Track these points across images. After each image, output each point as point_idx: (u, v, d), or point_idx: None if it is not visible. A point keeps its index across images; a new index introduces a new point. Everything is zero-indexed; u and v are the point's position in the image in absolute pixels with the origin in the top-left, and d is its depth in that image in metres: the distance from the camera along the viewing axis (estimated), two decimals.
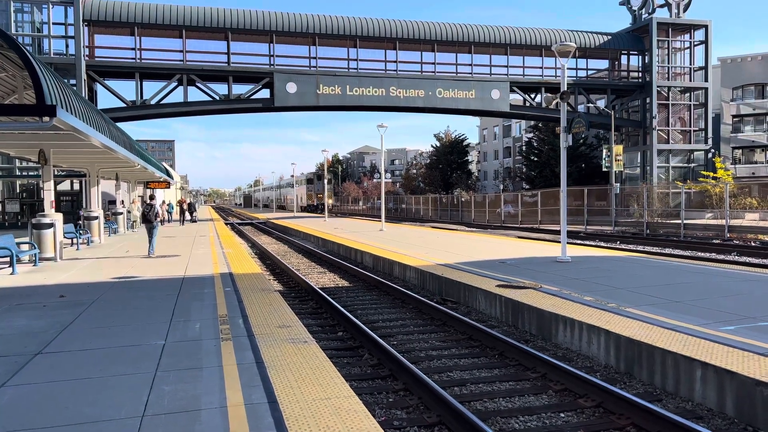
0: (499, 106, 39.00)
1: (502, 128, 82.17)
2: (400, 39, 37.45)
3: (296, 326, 7.56)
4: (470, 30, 38.54)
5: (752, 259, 19.23)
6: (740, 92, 54.44)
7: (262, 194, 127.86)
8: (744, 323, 7.29)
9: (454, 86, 38.16)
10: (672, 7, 41.53)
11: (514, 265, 13.65)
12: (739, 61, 54.11)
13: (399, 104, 37.74)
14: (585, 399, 6.13)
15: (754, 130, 53.99)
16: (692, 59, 42.64)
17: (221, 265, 14.48)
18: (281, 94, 35.49)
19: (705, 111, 42.17)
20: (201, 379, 5.44)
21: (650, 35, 40.80)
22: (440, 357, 7.93)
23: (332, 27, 36.38)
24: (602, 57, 42.42)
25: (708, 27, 41.65)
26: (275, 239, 31.97)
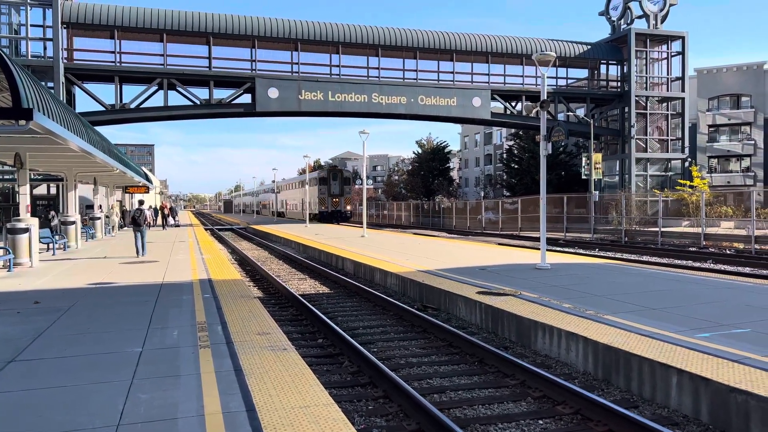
0: (480, 113, 39.28)
1: (483, 136, 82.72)
2: (382, 46, 37.56)
3: (276, 333, 7.51)
4: (452, 38, 38.79)
5: (727, 267, 19.54)
6: (716, 102, 55.45)
7: (251, 199, 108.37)
8: (719, 330, 7.40)
9: (436, 93, 38.35)
10: (650, 18, 42.22)
11: (495, 272, 13.72)
12: (714, 72, 55.15)
13: (381, 110, 37.80)
14: (563, 406, 6.17)
15: (730, 140, 55.00)
16: (669, 70, 43.36)
17: (200, 271, 14.35)
18: (263, 99, 35.36)
19: (682, 120, 42.88)
20: (178, 387, 5.37)
21: (629, 46, 41.42)
22: (420, 364, 7.93)
23: (315, 33, 36.38)
24: (582, 66, 42.96)
25: (685, 38, 42.41)
26: (255, 245, 31.77)
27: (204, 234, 34.13)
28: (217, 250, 22.84)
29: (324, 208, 52.35)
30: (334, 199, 52.36)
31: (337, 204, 52.07)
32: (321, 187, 53.14)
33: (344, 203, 52.41)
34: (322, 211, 52.20)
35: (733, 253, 23.81)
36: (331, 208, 52.17)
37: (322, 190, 53.05)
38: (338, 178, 53.10)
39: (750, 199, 27.59)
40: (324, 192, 52.88)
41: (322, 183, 53.37)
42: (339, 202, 51.94)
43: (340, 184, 52.72)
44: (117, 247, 22.71)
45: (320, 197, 52.78)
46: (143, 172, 40.78)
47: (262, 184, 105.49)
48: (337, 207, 52.02)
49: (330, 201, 52.36)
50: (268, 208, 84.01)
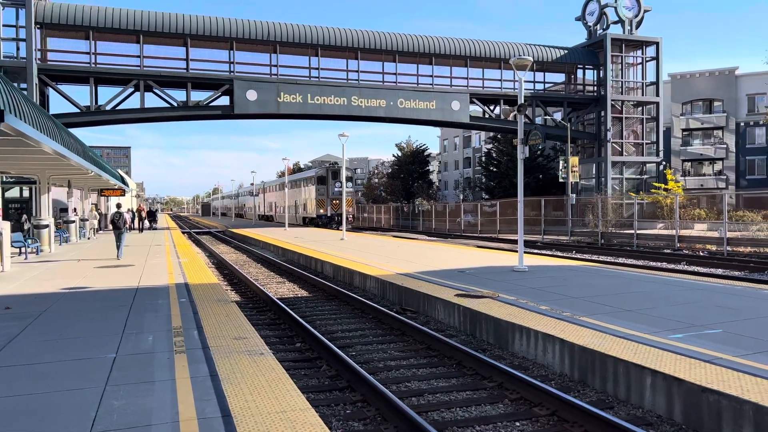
0: (459, 117, 39.46)
1: (463, 139, 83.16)
2: (361, 49, 37.57)
3: (253, 338, 7.45)
4: (431, 42, 38.96)
5: (700, 269, 19.89)
6: (689, 107, 56.53)
7: (231, 201, 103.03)
8: (691, 331, 7.52)
9: (416, 97, 38.45)
10: (625, 24, 42.84)
11: (473, 275, 13.78)
12: (688, 77, 56.20)
13: (361, 113, 37.79)
14: (540, 407, 6.22)
15: (703, 144, 56.09)
16: (644, 74, 44.03)
17: (177, 275, 14.19)
18: (241, 102, 35.12)
19: (656, 125, 43.55)
20: (153, 393, 5.30)
21: (604, 51, 41.98)
22: (399, 367, 7.93)
23: (293, 35, 36.25)
24: (559, 71, 43.41)
25: (659, 44, 43.10)
26: (233, 248, 31.52)
27: (181, 237, 33.76)
28: (195, 253, 22.60)
29: (323, 211, 46.33)
30: (335, 201, 45.94)
31: (337, 206, 45.34)
32: (319, 188, 46.62)
33: (347, 205, 44.51)
34: (321, 215, 46.32)
35: (706, 255, 24.23)
36: (331, 210, 45.99)
37: (321, 190, 46.50)
38: (339, 177, 46.43)
39: (722, 202, 28.11)
40: (323, 193, 46.43)
41: (320, 182, 46.83)
42: (339, 204, 44.51)
43: (337, 186, 46.89)
44: (92, 250, 22.35)
45: (318, 199, 46.34)
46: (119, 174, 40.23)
47: (241, 187, 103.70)
48: (338, 210, 44.87)
49: (330, 203, 46.10)
50: (253, 210, 76.05)
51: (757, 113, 52.27)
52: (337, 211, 45.40)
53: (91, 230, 33.42)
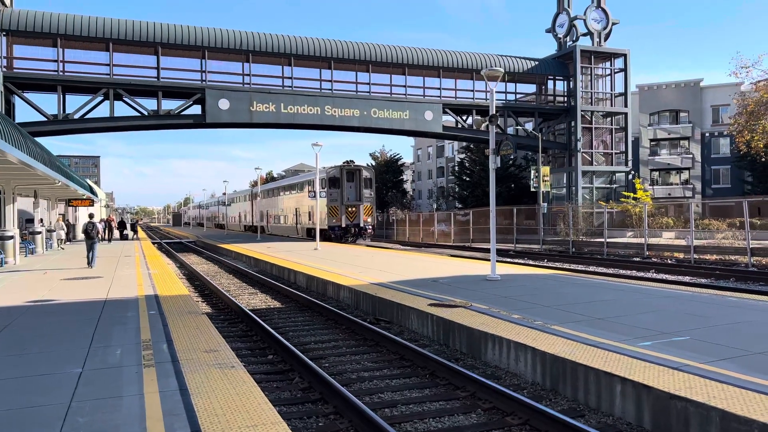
0: (432, 127, 39.70)
1: (436, 148, 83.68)
2: (334, 59, 37.60)
3: (224, 350, 7.34)
4: (404, 52, 39.19)
5: (668, 276, 20.27)
6: (656, 118, 57.82)
7: (205, 211, 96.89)
8: (660, 338, 7.64)
9: (389, 107, 38.59)
10: (594, 36, 43.70)
11: (447, 284, 13.82)
12: (655, 89, 57.51)
13: (334, 123, 37.75)
14: (512, 417, 6.24)
15: (670, 154, 57.37)
16: (613, 85, 44.91)
17: (147, 286, 13.94)
18: (213, 111, 34.81)
19: (625, 135, 44.41)
20: (120, 409, 5.18)
21: (574, 62, 42.73)
22: (372, 378, 7.89)
23: (266, 45, 36.13)
24: (530, 81, 44.02)
25: (627, 56, 44.04)
26: (205, 259, 31.14)
27: (152, 248, 33.24)
28: (165, 264, 22.25)
29: (335, 221, 37.79)
30: (350, 209, 38.00)
31: (353, 215, 37.90)
32: (331, 192, 37.97)
33: (363, 214, 38.15)
34: (334, 226, 37.81)
35: (674, 263, 24.72)
36: (345, 221, 37.82)
37: (333, 195, 38.04)
38: (356, 179, 38.56)
39: (689, 211, 28.74)
40: (336, 198, 38.01)
41: (333, 186, 38.21)
42: (356, 212, 37.80)
43: (358, 187, 38.27)
44: (59, 262, 21.86)
45: (330, 206, 37.73)
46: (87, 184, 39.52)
47: (213, 196, 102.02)
48: (354, 219, 37.92)
49: (344, 211, 37.85)
50: (238, 220, 67.78)
51: (721, 124, 53.67)
52: (353, 221, 38.00)
53: (59, 241, 32.74)
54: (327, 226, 37.26)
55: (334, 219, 37.86)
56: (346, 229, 38.19)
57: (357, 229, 38.13)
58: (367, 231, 38.28)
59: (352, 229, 38.13)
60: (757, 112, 36.15)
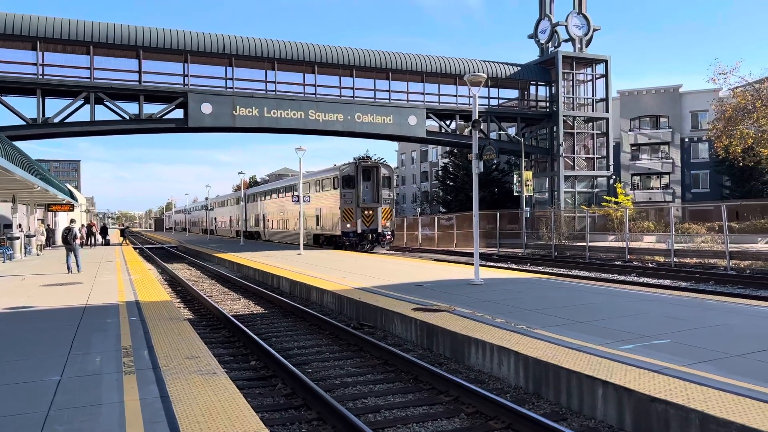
0: (416, 131, 39.80)
1: (420, 153, 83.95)
2: (318, 63, 37.57)
3: (205, 357, 7.28)
4: (388, 57, 39.28)
5: (649, 280, 20.49)
6: (637, 123, 58.56)
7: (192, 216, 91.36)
8: (641, 342, 7.71)
9: (373, 111, 38.61)
10: (575, 42, 44.16)
11: (431, 288, 13.84)
12: (635, 94, 58.25)
13: (318, 127, 37.67)
14: (495, 421, 6.25)
15: (650, 158, 58.10)
16: (594, 91, 45.40)
17: (128, 292, 13.79)
18: (196, 115, 34.57)
19: (606, 140, 44.88)
20: (99, 417, 5.11)
21: (556, 68, 43.13)
22: (355, 383, 7.87)
23: (249, 48, 35.99)
24: (513, 87, 44.34)
25: (608, 61, 44.56)
26: (187, 264, 30.88)
27: (133, 253, 32.89)
28: (146, 270, 22.03)
29: (350, 226, 32.54)
30: (367, 212, 32.93)
31: (370, 219, 32.88)
32: (345, 193, 32.93)
33: (382, 218, 33.13)
34: (348, 231, 32.56)
35: (654, 266, 24.99)
36: (362, 226, 32.67)
37: (348, 196, 32.90)
38: (374, 178, 33.38)
39: (669, 215, 29.10)
40: (350, 200, 32.87)
41: (347, 185, 33.13)
42: (374, 215, 32.88)
43: (376, 187, 33.17)
44: (38, 267, 21.53)
45: (344, 208, 32.69)
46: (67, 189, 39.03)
47: (195, 201, 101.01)
48: (371, 224, 32.91)
49: (360, 214, 32.71)
50: (229, 225, 61.99)
51: (700, 129, 54.50)
52: (370, 226, 32.90)
53: (39, 246, 32.29)
54: (340, 232, 32.81)
55: (348, 224, 32.36)
56: (362, 236, 32.76)
57: (374, 236, 32.99)
58: (386, 237, 33.29)
59: (369, 235, 32.76)
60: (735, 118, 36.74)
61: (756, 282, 18.88)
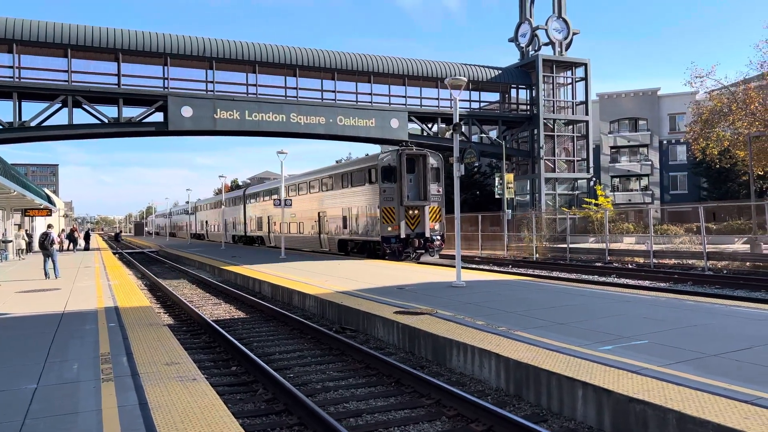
0: (398, 134, 39.88)
1: None
2: (299, 66, 37.51)
3: (185, 362, 7.21)
4: (369, 60, 39.34)
5: (629, 281, 20.71)
6: (616, 125, 59.24)
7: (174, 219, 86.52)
8: (620, 342, 7.79)
9: (355, 114, 38.65)
10: (555, 45, 44.60)
11: (413, 291, 13.85)
12: (615, 97, 58.93)
13: (300, 130, 37.61)
14: (476, 423, 6.27)
15: (630, 161, 58.79)
16: (574, 94, 45.88)
17: (106, 298, 13.62)
18: (176, 118, 34.31)
19: (586, 142, 45.36)
20: (75, 426, 5.04)
21: (537, 71, 43.52)
22: (337, 388, 7.85)
23: (230, 52, 35.82)
24: (494, 90, 44.66)
25: (587, 65, 45.07)
26: (168, 269, 30.58)
27: (112, 258, 32.51)
28: (126, 275, 21.78)
29: (392, 230, 26.01)
30: (412, 211, 26.34)
31: (416, 221, 26.40)
32: (385, 188, 26.20)
33: (430, 219, 26.65)
34: (389, 236, 25.98)
35: (634, 267, 25.28)
36: (406, 229, 26.15)
37: (388, 192, 26.19)
38: (420, 169, 26.76)
39: (648, 216, 29.46)
40: (391, 197, 26.15)
41: (387, 178, 26.35)
42: (421, 216, 26.47)
43: (423, 181, 26.54)
44: (15, 273, 21.18)
45: (384, 208, 25.95)
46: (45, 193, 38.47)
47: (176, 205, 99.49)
48: (417, 227, 26.40)
49: (404, 215, 26.12)
50: (223, 229, 53.23)
51: (678, 132, 55.29)
52: (416, 229, 26.36)
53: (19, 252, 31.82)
54: (380, 237, 26.09)
55: (389, 227, 25.96)
56: (407, 241, 26.23)
57: (422, 241, 26.34)
58: (435, 243, 26.79)
59: (416, 241, 26.22)
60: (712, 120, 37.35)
61: (732, 282, 19.18)
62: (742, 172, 41.78)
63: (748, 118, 34.59)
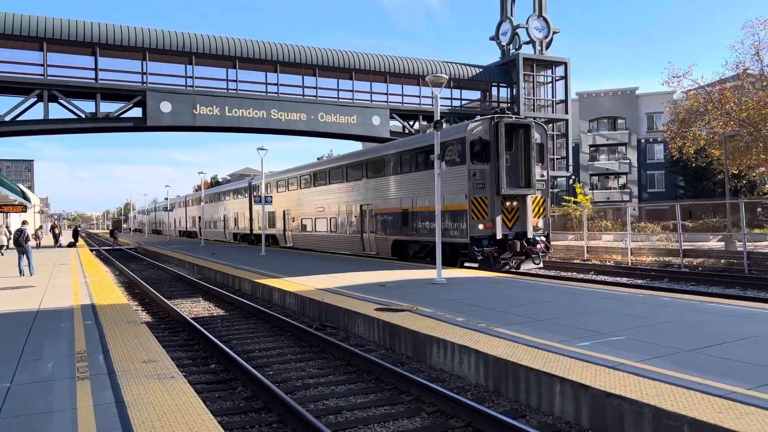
0: (379, 132, 39.83)
1: None
2: (280, 62, 37.26)
3: (163, 360, 7.13)
4: (351, 57, 39.22)
5: (607, 278, 20.97)
6: (596, 124, 59.85)
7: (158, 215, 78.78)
8: (598, 339, 7.88)
9: (337, 111, 38.50)
10: (536, 44, 44.86)
11: (394, 288, 13.86)
12: (594, 96, 59.54)
13: (281, 127, 37.37)
14: (456, 419, 6.30)
15: (608, 159, 59.46)
16: (554, 93, 46.19)
17: (83, 295, 13.42)
18: (154, 113, 33.87)
19: (566, 141, 45.73)
20: (50, 425, 4.96)
21: (517, 69, 43.75)
22: (317, 385, 7.82)
23: (210, 47, 35.45)
24: (475, 88, 44.81)
25: (567, 64, 45.40)
26: (147, 266, 30.24)
27: (89, 255, 32.05)
28: (103, 272, 21.49)
29: (484, 228, 19.19)
30: (510, 203, 19.74)
31: (516, 215, 19.80)
32: (475, 170, 19.33)
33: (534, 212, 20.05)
34: (480, 237, 19.16)
35: (612, 265, 25.58)
36: (503, 228, 19.41)
37: (478, 176, 19.33)
38: (520, 145, 19.97)
39: (626, 214, 29.81)
40: (481, 182, 19.34)
41: (478, 157, 19.47)
42: (522, 209, 19.87)
43: (525, 161, 19.80)
44: None
45: (475, 198, 19.20)
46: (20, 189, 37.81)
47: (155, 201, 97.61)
48: (517, 225, 19.77)
49: (500, 208, 19.45)
50: (222, 226, 48.37)
51: (656, 131, 56.03)
52: (515, 228, 19.63)
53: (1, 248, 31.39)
54: (468, 238, 18.94)
55: (480, 224, 19.01)
56: (504, 244, 19.22)
57: (524, 245, 19.32)
58: (538, 247, 19.55)
59: (517, 244, 19.17)
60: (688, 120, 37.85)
61: (708, 279, 19.51)
62: (717, 171, 42.47)
63: (723, 117, 35.13)
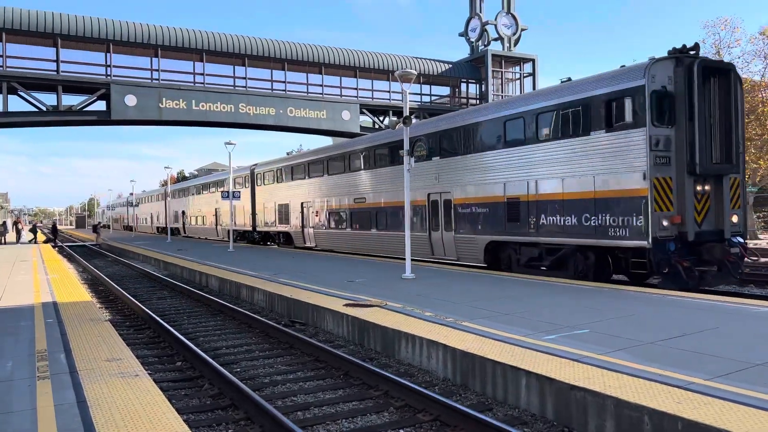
0: (349, 127, 39.71)
1: None
2: (248, 56, 36.81)
3: (127, 358, 7.01)
4: (320, 51, 38.98)
5: None
6: None
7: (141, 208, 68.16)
8: (564, 332, 8.01)
9: (306, 106, 38.25)
10: (504, 41, 45.25)
11: (363, 284, 13.86)
12: None
13: (249, 121, 36.95)
14: (424, 413, 6.34)
15: None
16: (522, 89, 46.67)
17: (44, 293, 13.10)
18: (119, 107, 33.16)
19: None
20: (9, 426, 4.83)
21: (486, 66, 44.06)
22: (285, 381, 7.79)
23: (176, 39, 34.83)
24: (444, 84, 44.99)
25: (535, 60, 45.94)
26: (111, 262, 29.66)
27: (51, 252, 31.28)
28: (66, 269, 21.00)
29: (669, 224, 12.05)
30: (701, 187, 12.42)
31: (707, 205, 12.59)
32: (658, 136, 12.01)
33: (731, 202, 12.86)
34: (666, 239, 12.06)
35: None
36: (693, 225, 12.23)
37: (662, 146, 12.05)
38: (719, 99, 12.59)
39: None
40: (665, 156, 12.07)
41: (660, 118, 12.11)
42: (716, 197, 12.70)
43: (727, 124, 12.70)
44: None
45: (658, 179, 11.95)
46: None
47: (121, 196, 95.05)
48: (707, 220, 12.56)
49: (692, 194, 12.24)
50: (214, 222, 43.81)
51: None
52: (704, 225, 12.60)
53: None
54: (649, 241, 12.11)
55: (665, 219, 12.25)
56: (694, 249, 12.59)
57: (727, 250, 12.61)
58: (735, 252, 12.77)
59: (715, 249, 12.56)
60: None
61: None
62: None
63: None
